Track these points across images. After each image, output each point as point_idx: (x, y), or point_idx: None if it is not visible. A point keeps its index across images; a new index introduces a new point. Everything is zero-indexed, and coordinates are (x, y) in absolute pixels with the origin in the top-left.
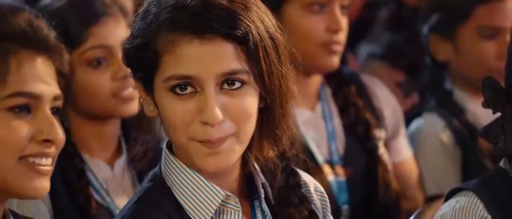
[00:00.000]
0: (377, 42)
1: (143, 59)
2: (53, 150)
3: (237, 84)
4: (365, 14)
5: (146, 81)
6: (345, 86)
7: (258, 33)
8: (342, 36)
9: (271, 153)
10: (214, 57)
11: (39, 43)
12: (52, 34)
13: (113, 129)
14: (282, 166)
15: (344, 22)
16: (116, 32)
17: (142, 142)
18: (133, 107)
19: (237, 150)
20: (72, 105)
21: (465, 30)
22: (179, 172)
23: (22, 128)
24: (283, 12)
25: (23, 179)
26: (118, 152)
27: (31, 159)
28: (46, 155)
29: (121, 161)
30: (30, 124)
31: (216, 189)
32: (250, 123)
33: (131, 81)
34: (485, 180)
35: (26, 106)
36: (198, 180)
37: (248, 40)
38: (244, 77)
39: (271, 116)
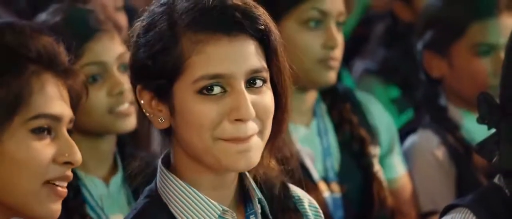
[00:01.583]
0: (372, 58)
1: (163, 65)
2: (70, 172)
3: (259, 83)
4: (360, 30)
5: (163, 89)
6: (340, 102)
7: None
8: (338, 52)
9: (272, 163)
10: (243, 54)
11: (59, 66)
12: (67, 57)
13: (109, 145)
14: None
15: (340, 38)
16: (111, 48)
17: (140, 158)
18: (130, 123)
19: (261, 148)
20: None
21: (460, 47)
22: (176, 187)
23: (45, 150)
24: (280, 28)
25: (46, 201)
26: (113, 169)
27: (57, 182)
28: (67, 179)
29: (117, 178)
30: (52, 146)
31: (213, 204)
32: (270, 121)
33: (127, 96)
34: (480, 196)
35: (47, 128)
36: (195, 195)
37: (270, 38)
38: (265, 75)
39: (277, 120)
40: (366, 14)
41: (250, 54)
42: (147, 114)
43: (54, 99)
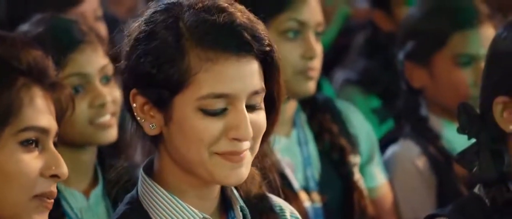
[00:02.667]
0: (352, 68)
1: (168, 77)
2: (55, 188)
3: (257, 103)
4: (340, 40)
5: (162, 98)
6: (319, 112)
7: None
8: (317, 63)
9: (254, 171)
10: (248, 75)
11: (47, 79)
12: (55, 71)
13: (90, 157)
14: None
15: (318, 48)
16: (94, 60)
17: (118, 166)
18: (111, 135)
19: (250, 162)
20: None
21: (441, 58)
22: (157, 195)
23: (34, 163)
24: None
25: (34, 213)
26: (94, 182)
27: (44, 197)
28: (53, 195)
29: (97, 191)
30: (39, 159)
31: (194, 212)
32: (261, 138)
33: (109, 108)
34: (460, 206)
35: (35, 140)
36: (176, 202)
37: (274, 58)
38: (262, 95)
39: (265, 133)
40: (346, 24)
41: (254, 75)
42: (138, 118)
43: (42, 112)
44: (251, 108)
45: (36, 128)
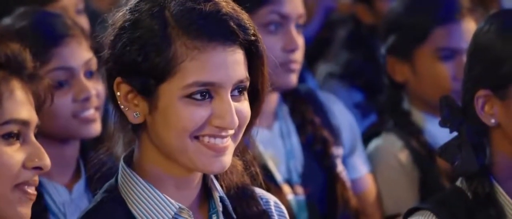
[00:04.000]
0: (335, 62)
1: (153, 65)
2: (37, 178)
3: (241, 92)
4: (323, 33)
5: (147, 87)
6: (301, 104)
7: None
8: (299, 55)
9: (236, 161)
10: (234, 64)
11: (25, 71)
12: (33, 63)
13: (73, 150)
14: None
15: (300, 40)
16: (78, 54)
17: (102, 154)
18: (95, 129)
19: (232, 151)
20: None
21: (422, 52)
22: (135, 184)
23: (16, 155)
24: None
25: (17, 205)
26: (76, 175)
27: (26, 187)
28: (35, 184)
29: (80, 185)
30: (21, 151)
31: (170, 202)
32: (245, 127)
33: (93, 102)
34: (443, 199)
35: (17, 133)
36: (153, 192)
37: (258, 47)
38: (247, 84)
39: (248, 124)
40: (329, 17)
41: (239, 64)
42: (122, 107)
43: (22, 104)
44: (234, 97)
45: (18, 120)
